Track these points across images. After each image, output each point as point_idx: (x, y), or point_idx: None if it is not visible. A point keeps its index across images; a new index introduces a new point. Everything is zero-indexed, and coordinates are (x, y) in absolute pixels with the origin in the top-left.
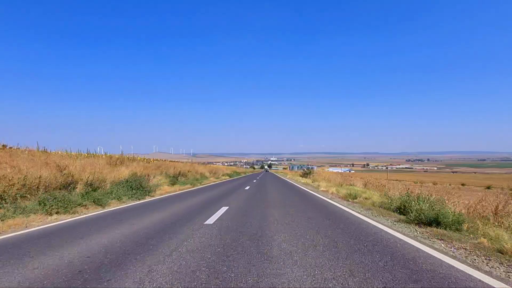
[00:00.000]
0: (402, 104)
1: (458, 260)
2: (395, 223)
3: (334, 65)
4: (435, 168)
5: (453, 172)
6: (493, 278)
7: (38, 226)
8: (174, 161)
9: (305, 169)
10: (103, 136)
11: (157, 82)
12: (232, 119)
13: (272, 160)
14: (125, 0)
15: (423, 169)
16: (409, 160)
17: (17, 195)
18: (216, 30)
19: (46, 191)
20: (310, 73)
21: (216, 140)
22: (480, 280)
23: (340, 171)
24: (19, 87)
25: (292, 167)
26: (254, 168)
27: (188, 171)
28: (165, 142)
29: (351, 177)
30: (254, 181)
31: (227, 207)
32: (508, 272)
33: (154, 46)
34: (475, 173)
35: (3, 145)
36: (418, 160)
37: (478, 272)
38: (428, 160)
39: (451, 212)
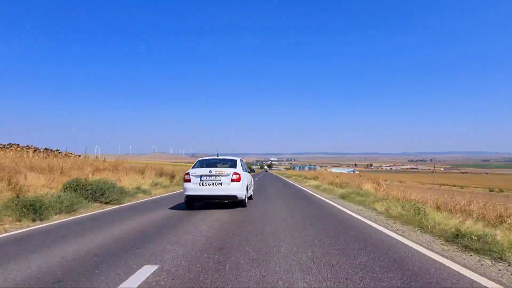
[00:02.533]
0: (402, 104)
1: None
2: None
3: (334, 65)
4: (442, 169)
5: (462, 173)
6: None
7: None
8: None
9: None
10: (100, 135)
11: (157, 82)
12: (232, 119)
13: (272, 160)
14: (125, 0)
15: (430, 169)
16: (411, 160)
17: None
18: (216, 30)
19: None
20: (310, 73)
21: (216, 140)
22: None
23: (344, 171)
24: (18, 87)
25: (294, 167)
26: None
27: None
28: (164, 142)
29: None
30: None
31: None
32: None
33: (154, 46)
34: (486, 173)
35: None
36: (421, 160)
37: None
38: (431, 160)
39: None
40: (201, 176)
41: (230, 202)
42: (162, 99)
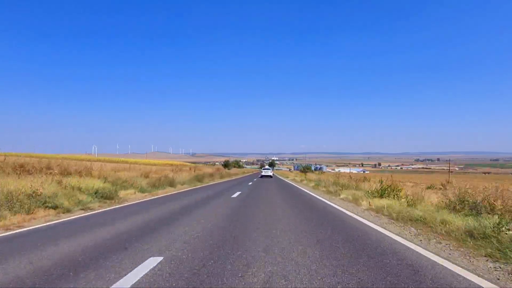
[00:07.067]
0: (403, 104)
1: None
2: None
3: (334, 65)
4: (457, 168)
5: (484, 173)
6: None
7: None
8: None
9: None
10: (98, 135)
11: (157, 82)
12: (233, 119)
13: (273, 160)
14: (125, 0)
15: (446, 169)
16: (418, 160)
17: None
18: (216, 30)
19: None
20: (310, 73)
21: (216, 140)
22: None
23: (354, 171)
24: (17, 87)
25: (297, 167)
26: (226, 167)
27: None
28: (164, 142)
29: None
30: None
31: None
32: None
33: (154, 46)
34: None
35: None
36: (429, 160)
37: None
38: (438, 160)
39: None
40: (263, 170)
41: (269, 178)
42: (162, 99)
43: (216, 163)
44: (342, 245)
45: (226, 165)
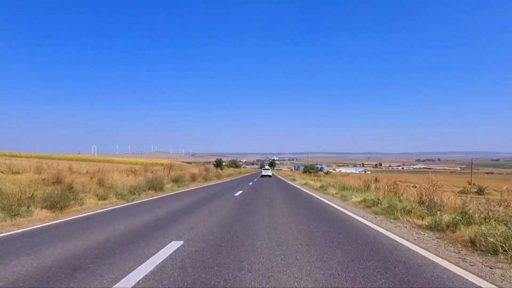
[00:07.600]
0: (403, 104)
1: None
2: None
3: (335, 65)
4: (458, 169)
5: (486, 173)
6: None
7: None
8: None
9: None
10: (98, 135)
11: (157, 82)
12: (232, 119)
13: (273, 160)
14: (125, 0)
15: (448, 169)
16: (419, 160)
17: None
18: (216, 30)
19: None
20: (310, 73)
21: (216, 140)
22: None
23: (355, 172)
24: (17, 87)
25: (298, 167)
26: (219, 166)
27: None
28: (164, 142)
29: None
30: None
31: None
32: None
33: (154, 47)
34: None
35: None
36: (429, 160)
37: None
38: (439, 160)
39: None
40: (263, 170)
41: (269, 177)
42: (162, 99)
43: (212, 162)
44: None
45: (218, 164)
